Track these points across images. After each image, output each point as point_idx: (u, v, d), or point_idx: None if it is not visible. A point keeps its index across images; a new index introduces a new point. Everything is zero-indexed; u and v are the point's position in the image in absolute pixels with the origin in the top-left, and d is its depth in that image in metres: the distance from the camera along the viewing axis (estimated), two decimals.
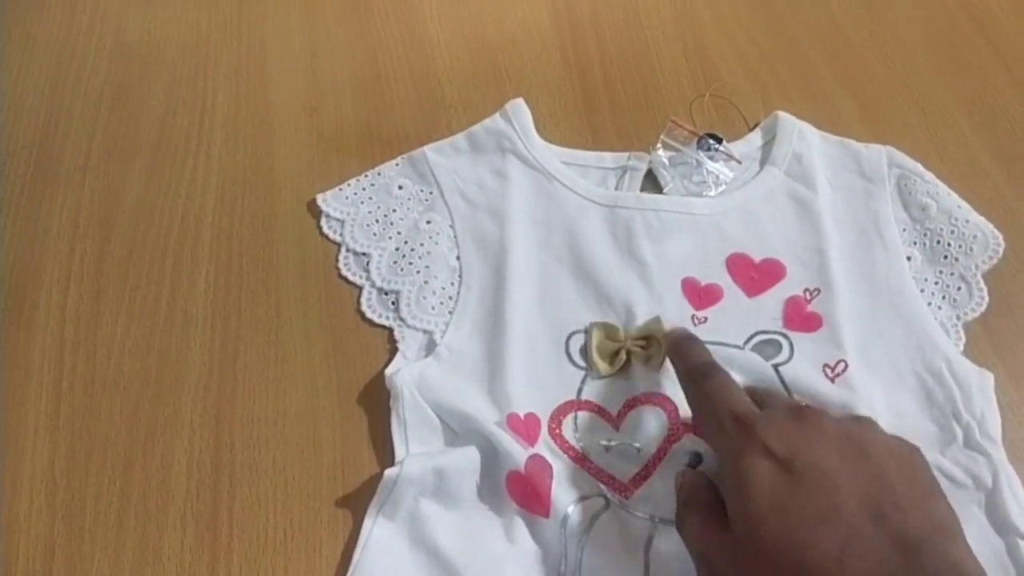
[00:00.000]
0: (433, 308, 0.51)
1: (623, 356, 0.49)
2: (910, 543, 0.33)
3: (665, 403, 0.48)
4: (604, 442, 0.47)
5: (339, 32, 0.67)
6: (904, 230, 0.54)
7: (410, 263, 0.53)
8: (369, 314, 0.52)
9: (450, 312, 0.51)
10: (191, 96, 0.63)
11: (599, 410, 0.48)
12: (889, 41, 0.67)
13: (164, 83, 0.64)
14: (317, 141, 0.60)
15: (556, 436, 0.47)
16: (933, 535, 0.34)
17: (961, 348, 0.50)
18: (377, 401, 0.49)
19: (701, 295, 0.52)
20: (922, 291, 0.52)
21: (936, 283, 0.52)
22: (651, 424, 0.47)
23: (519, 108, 0.59)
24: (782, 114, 0.60)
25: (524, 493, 0.44)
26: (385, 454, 0.47)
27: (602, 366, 0.49)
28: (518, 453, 0.44)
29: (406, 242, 0.54)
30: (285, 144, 0.60)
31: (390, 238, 0.54)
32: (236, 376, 0.50)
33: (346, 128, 0.61)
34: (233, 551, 0.44)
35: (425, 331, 0.51)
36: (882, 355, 0.49)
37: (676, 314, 0.51)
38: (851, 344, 0.49)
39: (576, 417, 0.48)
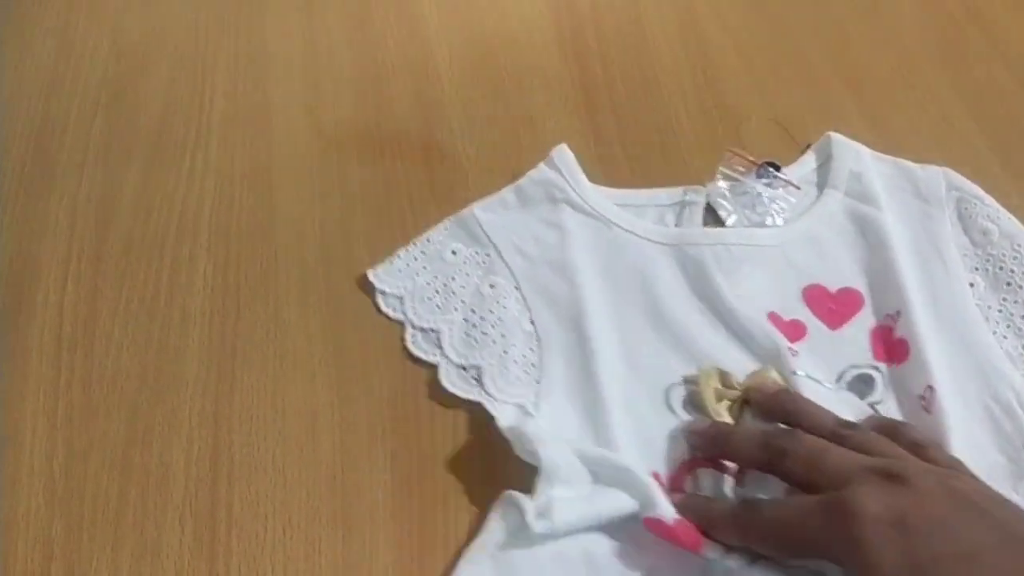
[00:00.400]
0: (518, 379, 0.48)
1: (736, 408, 0.46)
2: None
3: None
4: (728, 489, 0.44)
5: (338, 31, 0.67)
6: (965, 255, 0.52)
7: (484, 333, 0.50)
8: (453, 390, 0.48)
9: (537, 381, 0.48)
10: (189, 95, 0.63)
11: (718, 466, 0.44)
12: (891, 40, 0.67)
13: (162, 81, 0.64)
14: (316, 140, 0.60)
15: (679, 494, 0.44)
16: None
17: None
18: (376, 399, 0.49)
19: (787, 331, 0.49)
20: (986, 319, 0.50)
21: (1000, 311, 0.50)
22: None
23: (564, 155, 0.56)
24: (835, 135, 0.58)
25: (671, 537, 0.41)
26: (383, 451, 0.47)
27: (725, 417, 0.46)
28: (667, 506, 0.41)
29: (473, 311, 0.51)
30: (283, 143, 0.60)
31: (456, 309, 0.51)
32: (234, 374, 0.50)
33: (345, 127, 0.61)
34: (232, 549, 0.44)
35: (516, 404, 0.47)
36: (951, 383, 0.47)
37: (771, 349, 0.48)
38: (935, 368, 0.47)
39: (696, 476, 0.45)
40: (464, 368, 0.49)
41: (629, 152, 0.60)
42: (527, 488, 0.43)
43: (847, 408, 0.45)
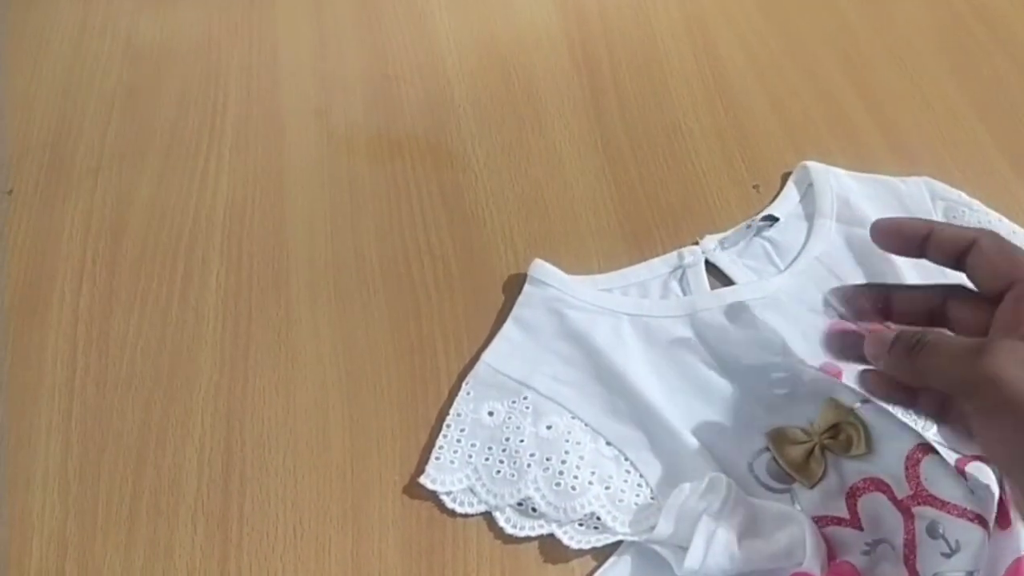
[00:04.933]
0: (636, 504, 0.45)
1: (818, 454, 0.45)
2: None
3: (880, 484, 0.44)
4: (863, 550, 0.43)
5: (349, 34, 0.67)
6: None
7: (575, 478, 0.45)
8: (577, 547, 0.44)
9: (651, 497, 0.46)
10: (202, 98, 0.64)
11: (830, 520, 0.44)
12: (899, 41, 0.66)
13: (175, 85, 0.64)
14: (327, 142, 0.61)
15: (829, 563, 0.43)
16: None
17: None
18: (385, 400, 0.49)
19: (825, 369, 0.48)
20: None
21: None
22: (881, 511, 0.43)
23: (542, 268, 0.53)
24: (811, 163, 0.57)
25: None
26: (393, 452, 0.47)
27: (806, 474, 0.45)
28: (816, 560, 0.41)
29: (548, 459, 0.46)
30: (295, 146, 0.61)
31: (529, 467, 0.46)
32: (247, 375, 0.50)
33: (356, 130, 0.61)
34: (243, 549, 0.44)
35: (646, 530, 0.44)
36: None
37: (824, 384, 0.47)
38: None
39: (821, 541, 0.43)
40: (580, 524, 0.45)
41: (637, 155, 0.60)
42: None
43: (911, 422, 0.45)
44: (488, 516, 0.45)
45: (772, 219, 0.55)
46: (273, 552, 0.44)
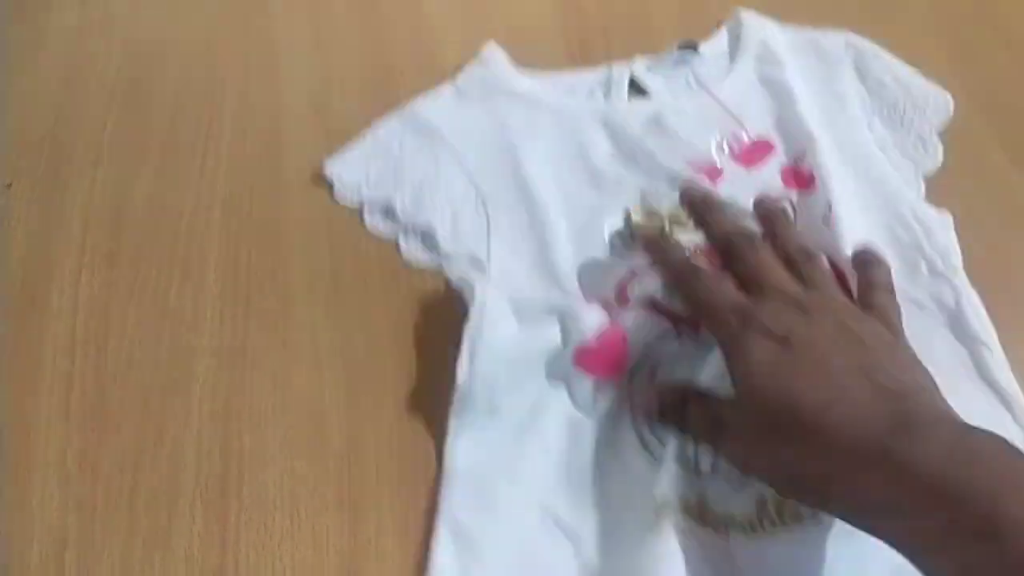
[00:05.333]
0: (468, 234, 0.54)
1: (668, 226, 0.53)
2: (895, 393, 0.36)
3: (713, 256, 0.50)
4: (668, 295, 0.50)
5: (347, 29, 0.68)
6: (863, 102, 0.60)
7: (433, 200, 0.55)
8: (413, 261, 0.54)
9: (486, 235, 0.54)
10: (201, 93, 0.64)
11: (652, 276, 0.51)
12: (899, 28, 0.66)
13: (174, 80, 0.65)
14: (325, 138, 0.61)
15: (625, 301, 0.51)
16: (918, 390, 0.37)
17: (922, 197, 0.55)
18: (382, 391, 0.49)
19: (706, 173, 0.56)
20: (884, 152, 0.57)
21: (895, 145, 0.58)
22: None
23: (495, 52, 0.63)
24: (744, 11, 0.65)
25: (595, 362, 0.48)
26: (391, 444, 0.48)
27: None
28: (588, 324, 0.49)
29: (423, 185, 0.56)
30: (293, 141, 0.61)
31: (406, 184, 0.56)
32: (245, 367, 0.50)
33: (354, 125, 0.61)
34: (241, 539, 0.44)
35: (471, 256, 0.53)
36: (856, 211, 0.54)
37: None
38: (834, 194, 0.54)
39: (640, 281, 0.51)
40: (419, 234, 0.55)
41: None
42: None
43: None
44: None
45: (692, 46, 0.63)
46: (271, 541, 0.44)
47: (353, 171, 0.58)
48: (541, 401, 0.47)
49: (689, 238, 0.51)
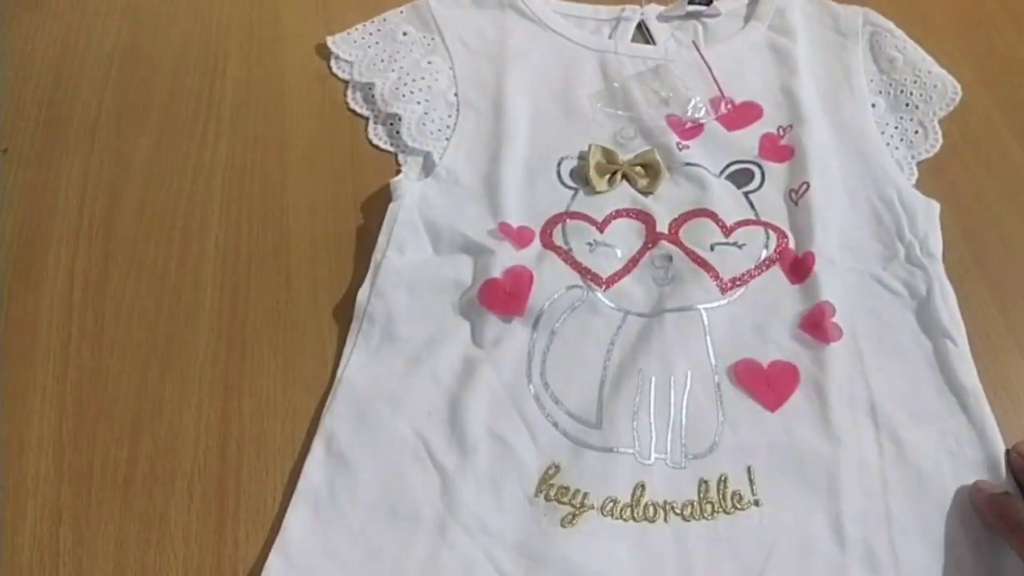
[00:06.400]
0: (432, 133, 0.56)
1: (619, 178, 0.55)
2: None
3: (646, 217, 0.53)
4: (588, 242, 0.52)
5: None
6: (871, 80, 0.60)
7: (411, 92, 0.58)
8: (376, 141, 0.57)
9: (447, 138, 0.56)
10: (202, 59, 0.62)
11: (586, 218, 0.54)
12: (911, 12, 0.65)
13: (175, 46, 0.63)
14: (329, 108, 0.60)
15: (547, 241, 0.52)
16: None
17: (913, 182, 0.56)
18: None
19: (685, 130, 0.57)
20: (883, 133, 0.58)
21: (896, 127, 0.58)
22: (631, 233, 0.53)
23: None
24: None
25: (500, 298, 0.49)
26: None
27: (599, 183, 0.54)
28: (501, 260, 0.50)
29: (408, 74, 0.59)
30: (296, 109, 0.60)
31: (393, 71, 0.59)
32: (245, 342, 0.49)
33: None
34: (239, 518, 0.44)
35: (425, 153, 0.55)
36: (841, 183, 0.55)
37: (662, 142, 0.57)
38: (815, 170, 0.55)
39: (565, 224, 0.53)
40: (389, 122, 0.58)
41: None
42: None
43: (726, 194, 0.55)
44: None
45: (706, 1, 0.64)
46: (269, 520, 0.44)
47: (352, 49, 0.61)
48: (440, 333, 0.48)
49: (634, 195, 0.54)
